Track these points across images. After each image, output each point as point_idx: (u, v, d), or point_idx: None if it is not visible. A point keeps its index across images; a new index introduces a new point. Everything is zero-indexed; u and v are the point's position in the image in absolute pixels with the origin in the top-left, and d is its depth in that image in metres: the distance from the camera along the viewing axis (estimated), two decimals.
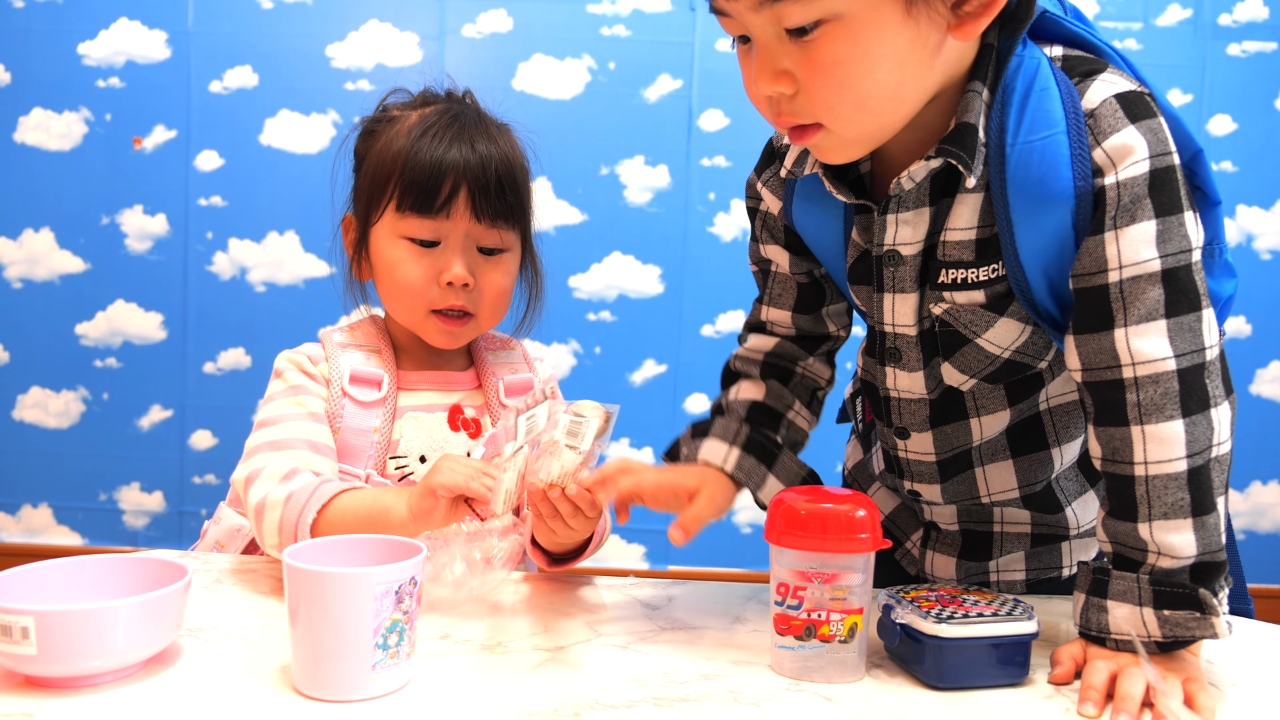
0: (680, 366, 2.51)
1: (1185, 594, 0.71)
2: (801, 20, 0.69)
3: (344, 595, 0.67)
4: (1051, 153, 0.72)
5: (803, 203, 0.87)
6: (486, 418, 1.11)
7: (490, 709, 0.68)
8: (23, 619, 0.66)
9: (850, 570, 0.74)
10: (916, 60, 0.71)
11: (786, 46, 0.71)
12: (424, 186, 1.00)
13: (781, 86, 0.72)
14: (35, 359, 2.54)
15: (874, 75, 0.70)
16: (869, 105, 0.72)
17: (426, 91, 1.11)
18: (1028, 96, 0.73)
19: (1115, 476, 0.74)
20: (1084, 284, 0.73)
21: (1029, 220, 0.73)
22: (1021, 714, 0.70)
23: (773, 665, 0.77)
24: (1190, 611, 0.71)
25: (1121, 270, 0.71)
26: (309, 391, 1.03)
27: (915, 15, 0.68)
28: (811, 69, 0.70)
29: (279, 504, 0.92)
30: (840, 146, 0.76)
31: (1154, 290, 0.70)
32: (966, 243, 0.77)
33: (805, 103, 0.73)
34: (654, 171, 2.47)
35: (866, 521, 0.74)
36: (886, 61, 0.70)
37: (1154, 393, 0.71)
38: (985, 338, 0.82)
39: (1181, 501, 0.71)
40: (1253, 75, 2.45)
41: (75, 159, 2.49)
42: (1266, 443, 2.52)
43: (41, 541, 2.56)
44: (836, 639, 0.74)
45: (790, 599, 0.75)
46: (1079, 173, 0.71)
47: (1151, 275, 0.70)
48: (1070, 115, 0.71)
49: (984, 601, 0.77)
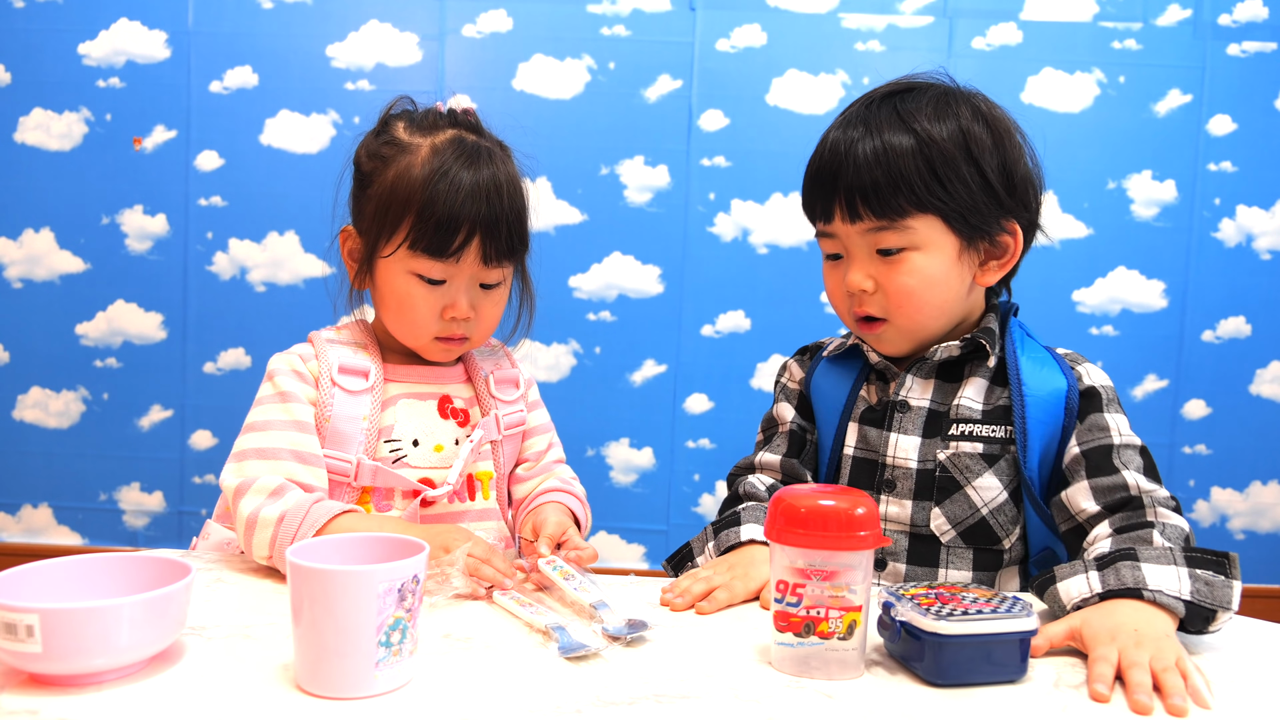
0: (680, 366, 2.51)
1: (1212, 559, 0.84)
2: (892, 245, 1.00)
3: (347, 593, 0.67)
4: (1049, 366, 1.04)
5: (826, 370, 1.15)
6: (475, 409, 1.15)
7: (492, 706, 0.68)
8: (28, 617, 0.66)
9: (849, 568, 0.74)
10: (958, 289, 1.03)
11: (875, 260, 1.02)
12: (439, 234, 1.03)
13: (866, 286, 1.02)
14: (35, 359, 2.54)
15: (933, 292, 1.02)
16: (926, 312, 1.03)
17: (434, 112, 1.11)
18: (1018, 334, 1.08)
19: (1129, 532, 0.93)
20: (1091, 442, 1.00)
21: (1037, 398, 1.02)
22: (1021, 711, 0.70)
23: (772, 662, 0.77)
24: (1216, 574, 0.82)
25: (1121, 436, 1.00)
26: (297, 398, 1.06)
27: (962, 260, 1.02)
28: (891, 278, 1.01)
29: (271, 523, 0.96)
30: (896, 338, 1.06)
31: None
32: (975, 409, 1.03)
33: (881, 301, 1.03)
34: (654, 171, 2.48)
35: (866, 519, 0.75)
36: (941, 285, 1.02)
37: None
38: (975, 484, 1.02)
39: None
40: (1253, 75, 2.45)
41: (75, 159, 2.49)
42: (1266, 443, 2.53)
43: (41, 541, 2.56)
44: (835, 636, 0.74)
45: (789, 596, 0.75)
46: (1069, 378, 1.03)
47: (1136, 445, 1.00)
48: (1050, 352, 1.07)
49: (983, 599, 0.77)
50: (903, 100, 1.02)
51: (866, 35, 2.45)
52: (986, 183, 0.99)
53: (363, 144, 1.12)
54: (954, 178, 0.98)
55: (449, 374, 1.16)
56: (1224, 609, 0.81)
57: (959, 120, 1.00)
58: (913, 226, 0.99)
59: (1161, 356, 2.51)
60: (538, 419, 1.22)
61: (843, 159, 1.00)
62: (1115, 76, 2.45)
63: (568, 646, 0.78)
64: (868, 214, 1.00)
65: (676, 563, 1.08)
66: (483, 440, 1.12)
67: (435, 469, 1.09)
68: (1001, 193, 1.01)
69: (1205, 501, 2.53)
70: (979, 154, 0.99)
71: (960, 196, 0.99)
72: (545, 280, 1.17)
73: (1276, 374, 2.52)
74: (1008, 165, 1.01)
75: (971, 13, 2.45)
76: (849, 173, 0.99)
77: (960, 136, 0.99)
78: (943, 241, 1.00)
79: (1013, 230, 1.03)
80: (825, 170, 1.02)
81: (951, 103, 1.01)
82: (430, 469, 1.09)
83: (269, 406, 1.06)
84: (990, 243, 1.03)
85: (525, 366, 1.25)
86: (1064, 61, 2.45)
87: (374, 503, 1.07)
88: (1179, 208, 2.47)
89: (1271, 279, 2.49)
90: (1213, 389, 2.52)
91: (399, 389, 1.11)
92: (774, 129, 2.46)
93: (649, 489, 2.54)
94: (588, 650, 0.77)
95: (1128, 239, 2.48)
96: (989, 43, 2.45)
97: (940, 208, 0.99)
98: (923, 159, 0.98)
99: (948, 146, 0.98)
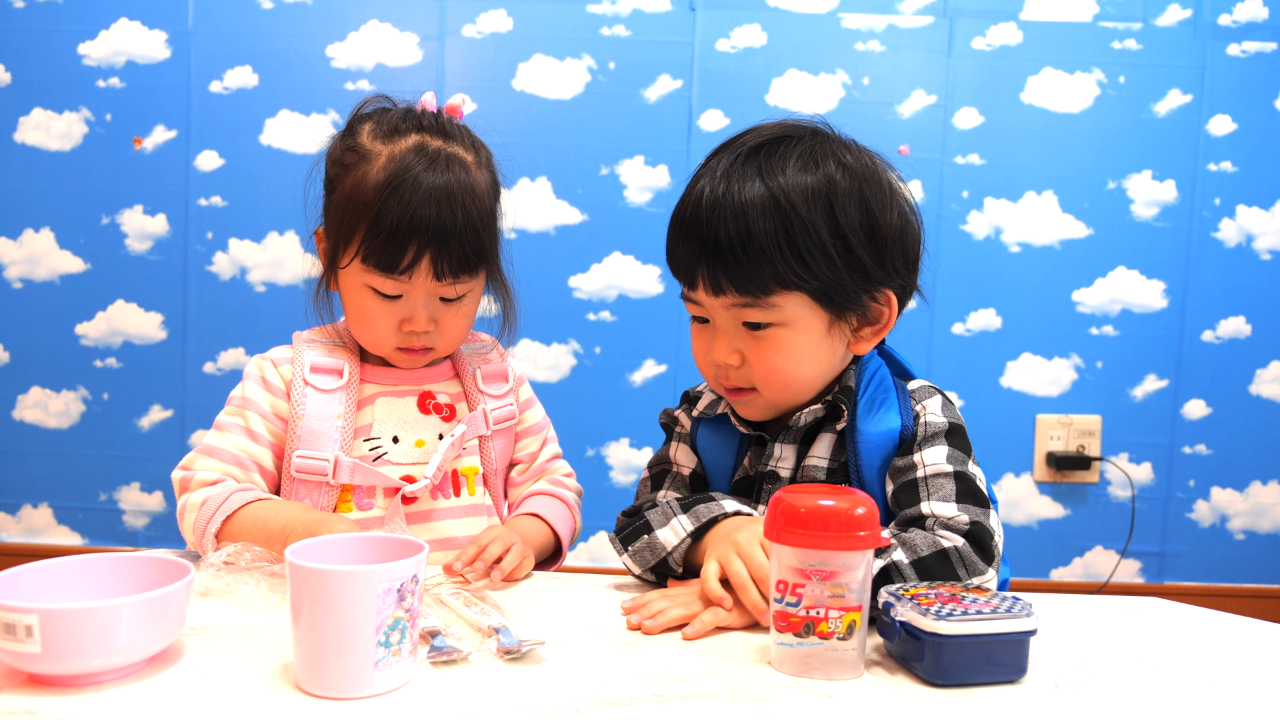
0: (680, 366, 2.51)
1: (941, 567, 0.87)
2: (758, 319, 0.96)
3: (346, 593, 0.67)
4: (888, 408, 1.02)
5: (706, 434, 1.11)
6: (463, 404, 1.15)
7: (491, 706, 0.68)
8: (26, 617, 0.66)
9: (849, 568, 0.74)
10: (829, 361, 1.01)
11: (742, 333, 0.98)
12: (387, 250, 1.01)
13: (732, 361, 0.99)
14: (35, 359, 2.54)
15: (802, 368, 0.99)
16: (793, 385, 1.00)
17: (400, 114, 1.08)
18: (873, 380, 1.04)
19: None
20: (901, 479, 0.98)
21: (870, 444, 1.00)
22: (1021, 711, 0.70)
23: (772, 662, 0.77)
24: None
25: (927, 468, 0.97)
26: (256, 406, 1.08)
27: (832, 332, 0.99)
28: (759, 354, 0.98)
29: (195, 507, 1.02)
30: (764, 408, 1.03)
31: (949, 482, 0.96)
32: (822, 467, 1.01)
33: (748, 373, 0.99)
34: (654, 171, 2.48)
35: (866, 519, 0.75)
36: (810, 360, 0.99)
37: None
38: None
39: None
40: (1253, 75, 2.45)
41: (75, 159, 2.49)
42: (1266, 443, 2.53)
43: (41, 541, 2.56)
44: (835, 636, 0.74)
45: (789, 596, 0.75)
46: (905, 418, 1.00)
47: (947, 473, 0.96)
48: (900, 391, 1.03)
49: (983, 599, 0.77)
50: (769, 154, 0.96)
51: (866, 35, 2.45)
52: (851, 254, 0.94)
53: (331, 146, 1.12)
54: (816, 253, 0.93)
55: (434, 371, 1.15)
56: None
57: (823, 173, 0.94)
58: (778, 304, 0.95)
59: (1161, 356, 2.51)
60: (531, 419, 1.21)
61: (703, 224, 0.95)
62: (1115, 76, 2.45)
63: (509, 644, 0.78)
64: (730, 289, 0.95)
65: (627, 536, 0.98)
66: (466, 436, 1.11)
67: (417, 465, 1.09)
68: (868, 263, 0.95)
69: (1205, 501, 2.53)
70: (841, 216, 0.93)
71: (824, 275, 0.94)
72: (545, 280, 1.16)
73: (1276, 374, 2.52)
74: (875, 223, 0.95)
75: (971, 13, 2.45)
76: (710, 243, 0.94)
77: (823, 193, 0.93)
78: (810, 318, 0.96)
79: (885, 299, 0.99)
80: (688, 229, 0.96)
81: (817, 156, 0.96)
82: (412, 465, 1.09)
83: (231, 409, 1.09)
84: (861, 313, 0.98)
85: (524, 366, 1.25)
86: (1064, 61, 2.45)
87: (355, 501, 1.07)
88: (1179, 208, 2.47)
89: (1271, 279, 2.49)
90: (1213, 389, 2.52)
91: (376, 388, 1.11)
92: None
93: None
94: (524, 646, 0.77)
95: (1128, 239, 2.48)
96: (989, 43, 2.45)
97: (804, 286, 0.94)
98: (783, 229, 0.92)
99: (808, 212, 0.92)
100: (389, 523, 1.05)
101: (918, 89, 2.46)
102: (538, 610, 0.90)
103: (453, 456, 1.11)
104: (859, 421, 1.00)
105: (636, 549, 0.96)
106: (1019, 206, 2.46)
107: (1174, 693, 0.75)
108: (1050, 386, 2.52)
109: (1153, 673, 0.79)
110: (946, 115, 2.45)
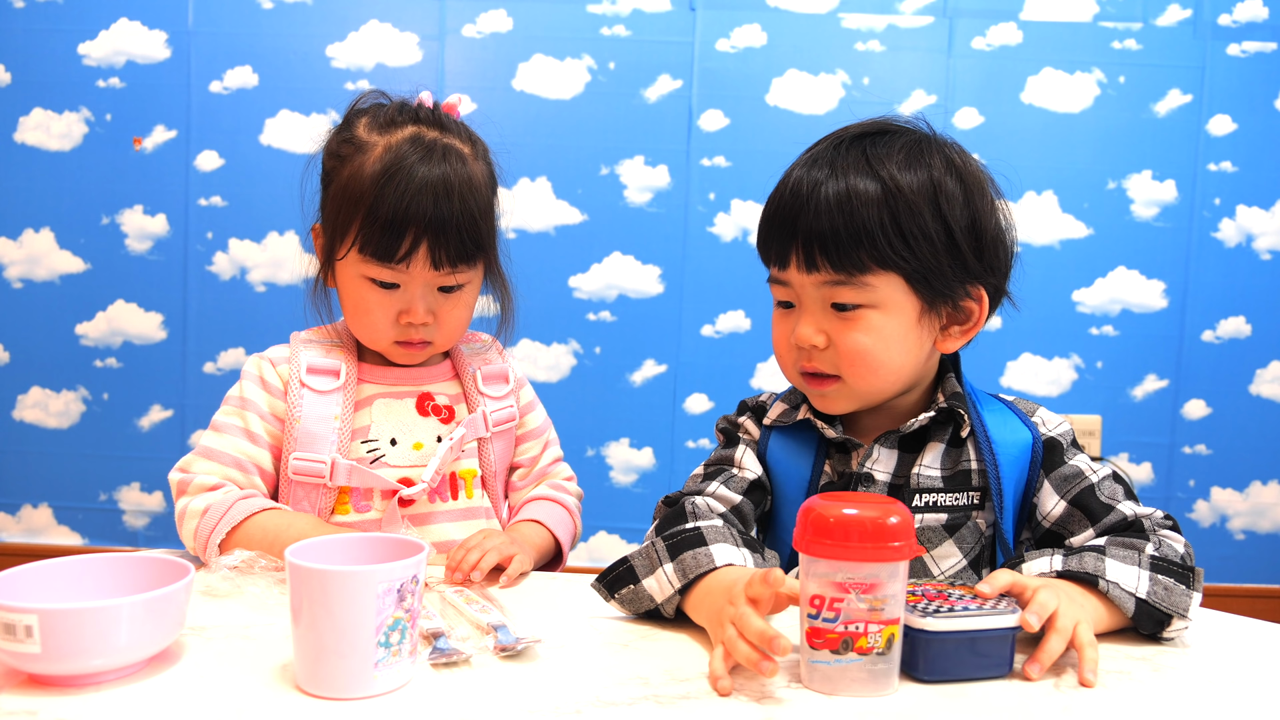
0: (680, 366, 2.51)
1: (1178, 569, 0.86)
2: (848, 300, 0.93)
3: (346, 593, 0.67)
4: (1007, 417, 1.00)
5: (780, 443, 1.05)
6: (462, 406, 1.14)
7: (491, 706, 0.68)
8: (26, 618, 0.66)
9: (891, 579, 0.72)
10: (916, 353, 0.97)
11: (829, 314, 0.95)
12: (385, 238, 1.01)
13: (818, 341, 0.95)
14: (35, 359, 2.54)
15: (889, 354, 0.95)
16: (879, 371, 0.95)
17: (396, 107, 1.08)
18: (972, 391, 1.03)
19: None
20: (1073, 488, 0.97)
21: (1008, 454, 0.98)
22: (1021, 711, 0.70)
23: (804, 681, 0.74)
24: (1178, 583, 0.84)
25: (1095, 474, 0.97)
26: (254, 406, 1.07)
27: (922, 323, 0.95)
28: (846, 334, 0.94)
29: (197, 514, 1.01)
30: (847, 398, 0.98)
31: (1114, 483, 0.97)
32: (936, 476, 0.98)
33: (833, 357, 0.96)
34: (654, 171, 2.48)
35: (901, 528, 0.72)
36: (897, 347, 0.95)
37: None
38: (933, 554, 0.99)
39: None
40: (1253, 75, 2.45)
41: (75, 159, 2.49)
42: (1266, 443, 2.53)
43: (41, 541, 2.56)
44: (875, 651, 0.72)
45: (826, 611, 0.72)
46: (1031, 429, 0.99)
47: (1107, 475, 0.98)
48: (1003, 402, 1.03)
49: (969, 596, 0.78)
50: (873, 144, 0.95)
51: (866, 35, 2.45)
52: (953, 242, 0.93)
53: (327, 140, 1.12)
54: (919, 234, 0.91)
55: (433, 371, 1.14)
56: (1179, 616, 0.83)
57: (930, 171, 0.93)
58: (872, 284, 0.92)
59: (1161, 356, 2.51)
60: (532, 422, 1.21)
61: (804, 202, 0.93)
62: (1115, 76, 2.45)
63: (506, 641, 0.78)
64: (825, 266, 0.92)
65: (611, 582, 0.90)
66: (465, 438, 1.11)
67: (415, 467, 1.09)
68: (968, 254, 0.94)
69: (1205, 501, 2.53)
70: (947, 209, 0.93)
71: (924, 256, 0.92)
72: (545, 280, 1.16)
73: (1276, 374, 2.52)
74: (977, 222, 0.95)
75: (971, 13, 2.45)
76: (808, 217, 0.92)
77: (930, 188, 0.92)
78: (903, 302, 0.94)
79: (978, 296, 0.96)
80: (784, 211, 0.95)
81: (924, 152, 0.95)
82: (410, 468, 1.08)
83: (229, 409, 1.08)
84: (953, 307, 0.96)
85: (524, 366, 1.24)
86: (1064, 61, 2.45)
87: (352, 503, 1.06)
88: (1179, 208, 2.47)
89: (1271, 279, 2.49)
90: (1213, 389, 2.52)
91: (374, 389, 1.11)
92: (774, 129, 2.46)
93: (649, 489, 2.53)
94: (523, 643, 0.78)
95: (1128, 239, 2.48)
96: (989, 43, 2.45)
97: (902, 266, 0.92)
98: (888, 210, 0.91)
99: (914, 199, 0.92)
100: (386, 526, 1.05)
101: (918, 89, 2.46)
102: (538, 610, 0.90)
103: (451, 459, 1.10)
104: (990, 430, 0.98)
105: (623, 596, 0.89)
106: (1019, 207, 2.46)
107: (1174, 692, 0.75)
108: (1050, 386, 2.52)
109: (1153, 672, 0.79)
110: (946, 115, 2.45)
